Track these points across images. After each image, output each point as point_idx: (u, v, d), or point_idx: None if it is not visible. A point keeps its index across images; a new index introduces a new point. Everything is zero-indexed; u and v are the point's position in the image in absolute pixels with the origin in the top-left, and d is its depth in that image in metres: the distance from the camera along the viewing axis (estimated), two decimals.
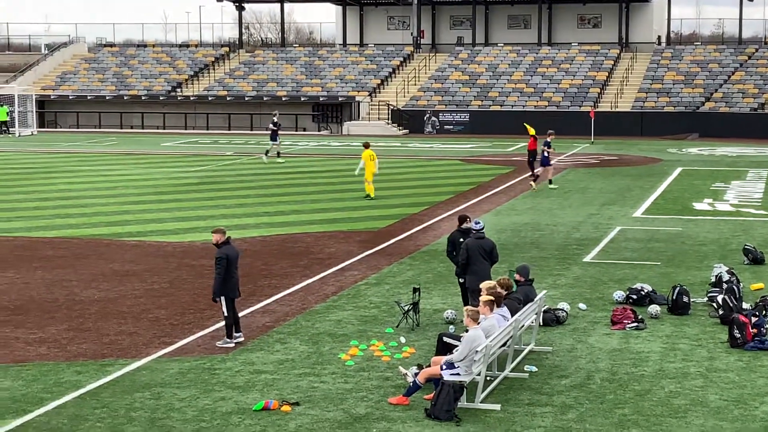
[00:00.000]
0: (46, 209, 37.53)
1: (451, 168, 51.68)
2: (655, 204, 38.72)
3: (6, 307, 22.68)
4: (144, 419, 15.60)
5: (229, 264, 19.51)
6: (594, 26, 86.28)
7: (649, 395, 16.76)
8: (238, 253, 19.91)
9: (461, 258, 20.79)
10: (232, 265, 19.59)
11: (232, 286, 19.64)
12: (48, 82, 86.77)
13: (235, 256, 19.71)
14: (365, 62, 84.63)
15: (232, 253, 19.64)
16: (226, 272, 19.49)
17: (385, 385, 17.21)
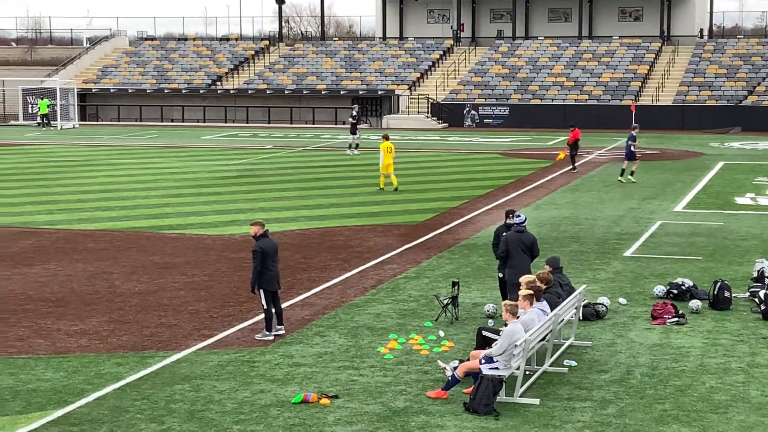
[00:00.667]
0: (87, 202, 37.77)
1: (490, 162, 51.56)
2: (696, 198, 38.46)
3: (48, 299, 22.85)
4: (183, 411, 15.67)
5: (265, 257, 19.53)
6: (635, 19, 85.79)
7: (690, 390, 16.66)
8: (275, 246, 19.89)
9: (500, 251, 20.76)
10: (269, 258, 19.59)
11: (270, 279, 19.67)
12: (89, 75, 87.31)
13: (272, 249, 19.71)
14: (405, 56, 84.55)
15: (268, 246, 19.66)
16: (263, 265, 19.53)
17: (424, 379, 17.20)
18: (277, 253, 19.83)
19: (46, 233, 31.38)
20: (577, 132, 47.11)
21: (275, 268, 19.76)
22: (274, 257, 19.73)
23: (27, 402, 16.07)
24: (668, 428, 15.01)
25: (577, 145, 47.44)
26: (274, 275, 19.73)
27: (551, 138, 65.03)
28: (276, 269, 19.78)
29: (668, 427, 15.04)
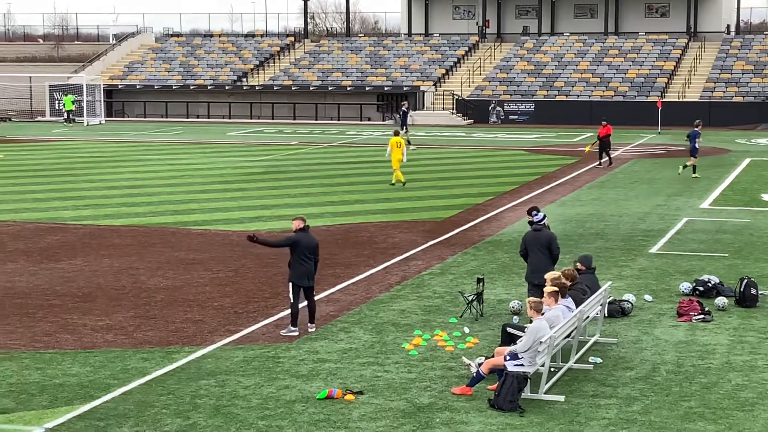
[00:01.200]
0: (113, 198, 37.92)
1: (515, 158, 51.47)
2: (722, 195, 38.30)
3: (74, 294, 22.96)
4: (209, 406, 15.72)
5: (298, 250, 19.59)
6: (662, 15, 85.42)
7: (716, 388, 16.60)
8: (312, 242, 19.85)
9: (520, 251, 20.73)
10: (302, 253, 19.63)
11: (300, 274, 19.68)
12: (116, 71, 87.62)
13: (307, 244, 19.72)
14: (430, 52, 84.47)
15: (304, 240, 19.69)
16: (295, 259, 19.58)
17: (449, 375, 17.20)
18: (313, 251, 19.79)
19: (72, 229, 31.52)
20: (608, 127, 47.14)
21: (309, 264, 19.75)
22: (309, 253, 19.72)
23: (53, 397, 16.16)
24: (694, 426, 14.97)
25: (609, 141, 47.38)
26: (305, 271, 19.72)
27: (577, 134, 64.85)
28: (309, 266, 19.75)
29: (694, 425, 14.99)
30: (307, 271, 19.75)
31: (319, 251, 20.12)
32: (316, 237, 20.35)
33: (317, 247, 19.96)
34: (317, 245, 19.97)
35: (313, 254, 19.81)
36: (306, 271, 19.73)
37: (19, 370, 17.46)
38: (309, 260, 19.73)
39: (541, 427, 14.88)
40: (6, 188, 40.61)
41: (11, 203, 36.55)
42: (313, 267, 19.86)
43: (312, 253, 19.78)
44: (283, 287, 23.56)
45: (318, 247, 19.99)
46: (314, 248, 19.85)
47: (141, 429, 14.78)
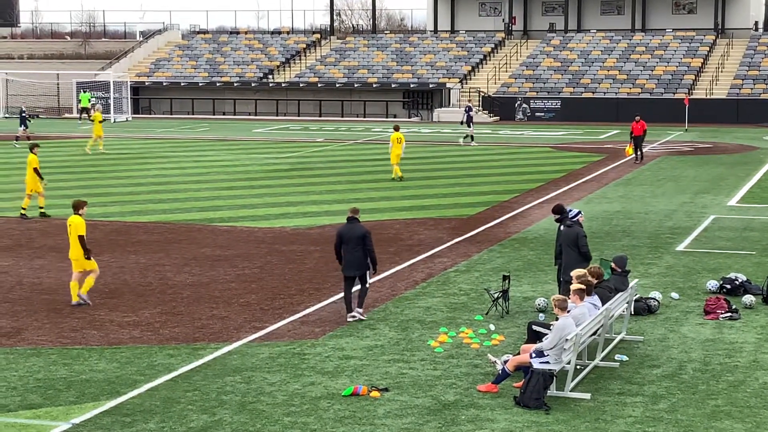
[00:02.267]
0: (140, 194, 38.06)
1: (541, 155, 51.36)
2: (750, 192, 38.10)
3: (101, 291, 23.05)
4: (235, 403, 15.76)
5: (341, 242, 20.41)
6: (689, 12, 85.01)
7: (743, 386, 16.52)
8: (353, 233, 20.42)
9: (556, 248, 20.66)
10: (344, 244, 20.37)
11: (345, 264, 20.44)
12: (142, 68, 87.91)
13: (347, 234, 20.39)
14: (456, 49, 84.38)
15: (345, 232, 20.45)
16: (343, 249, 20.40)
17: (474, 373, 17.19)
18: (355, 241, 20.31)
19: (99, 225, 31.64)
20: (642, 123, 47.63)
21: (348, 254, 20.34)
22: (349, 244, 20.33)
23: (80, 392, 16.23)
24: (721, 424, 14.90)
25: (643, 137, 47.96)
26: (346, 261, 20.38)
27: (603, 132, 64.66)
28: (349, 256, 20.36)
29: (721, 423, 14.93)
30: (347, 261, 20.41)
31: (370, 239, 20.53)
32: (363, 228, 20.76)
33: (362, 238, 20.42)
34: (362, 236, 20.45)
35: (358, 244, 20.34)
36: (349, 261, 20.39)
37: (47, 366, 17.56)
38: (354, 250, 20.34)
39: (566, 425, 14.85)
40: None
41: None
42: (358, 257, 20.36)
43: (356, 243, 20.35)
44: (308, 284, 23.64)
45: (365, 237, 20.44)
46: (357, 239, 20.39)
47: (167, 425, 14.84)
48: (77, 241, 21.69)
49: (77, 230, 21.71)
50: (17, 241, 29.16)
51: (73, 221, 21.87)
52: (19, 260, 26.44)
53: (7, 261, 26.35)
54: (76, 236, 21.71)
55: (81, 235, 21.66)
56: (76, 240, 21.71)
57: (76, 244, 21.72)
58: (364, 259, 20.48)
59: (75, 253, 21.80)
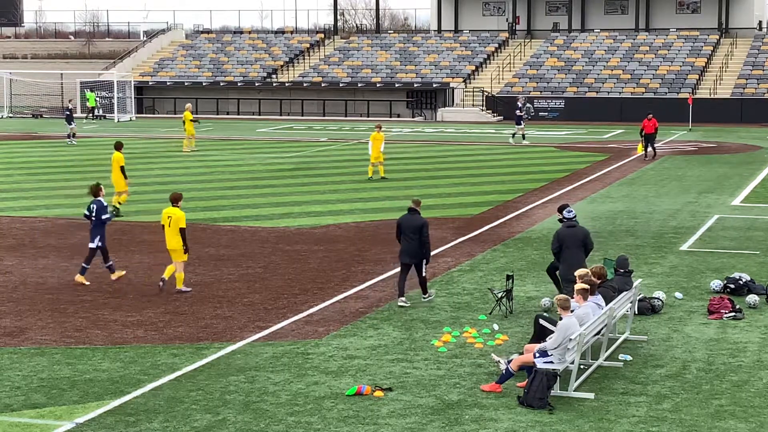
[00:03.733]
0: (144, 194, 38.06)
1: (545, 155, 51.34)
2: (754, 192, 38.08)
3: (105, 290, 23.07)
4: (238, 402, 15.76)
5: (399, 231, 21.58)
6: (693, 11, 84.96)
7: (747, 386, 16.51)
8: (413, 223, 21.41)
9: (553, 247, 20.62)
10: (403, 233, 21.46)
11: (402, 252, 21.59)
12: (146, 68, 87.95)
13: (407, 225, 21.46)
14: (460, 48, 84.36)
15: (404, 222, 21.56)
16: (401, 238, 21.53)
17: (478, 372, 17.18)
18: (414, 231, 21.33)
19: None
20: (654, 121, 48.46)
21: (405, 243, 21.45)
22: (407, 233, 21.41)
23: (84, 392, 16.24)
24: (724, 424, 14.89)
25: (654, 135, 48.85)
26: (405, 249, 21.50)
27: (607, 131, 64.65)
28: (405, 245, 21.45)
29: (724, 423, 14.92)
30: (406, 249, 21.46)
31: (426, 231, 21.46)
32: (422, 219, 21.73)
33: (420, 228, 21.40)
34: (420, 226, 21.42)
35: (415, 234, 21.33)
36: (405, 249, 21.48)
37: (50, 366, 17.57)
38: (410, 240, 21.38)
39: (570, 425, 14.85)
40: (37, 184, 40.86)
41: (42, 199, 36.76)
42: (414, 246, 21.35)
43: (413, 232, 21.36)
44: (312, 283, 23.65)
45: (422, 228, 21.40)
46: (415, 228, 21.40)
47: (171, 424, 14.84)
48: (176, 233, 22.49)
49: (179, 223, 22.51)
50: (21, 240, 29.18)
51: (173, 213, 22.65)
52: (22, 260, 26.46)
53: (10, 260, 26.37)
54: (176, 228, 22.48)
55: (183, 228, 22.51)
56: (175, 231, 22.50)
57: (174, 235, 22.52)
58: (420, 248, 21.41)
59: (173, 243, 22.63)
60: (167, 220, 22.67)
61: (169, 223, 22.60)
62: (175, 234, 22.52)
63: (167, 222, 22.64)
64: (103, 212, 23.92)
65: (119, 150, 33.84)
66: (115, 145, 34.24)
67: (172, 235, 22.59)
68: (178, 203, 22.89)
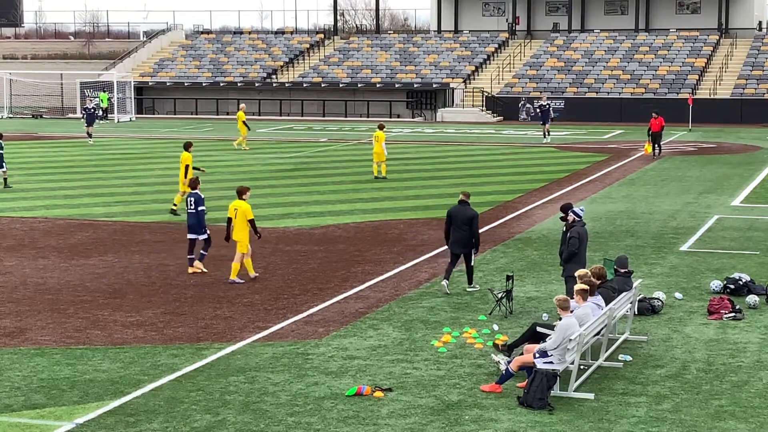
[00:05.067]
0: (144, 194, 38.07)
1: (545, 155, 51.34)
2: (754, 192, 38.08)
3: (105, 291, 23.08)
4: (238, 402, 15.76)
5: (450, 221, 22.54)
6: (693, 12, 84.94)
7: (747, 386, 16.51)
8: (465, 215, 22.40)
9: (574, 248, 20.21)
10: (453, 224, 22.45)
11: (452, 242, 22.60)
12: (146, 68, 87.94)
13: (458, 216, 22.44)
14: (460, 49, 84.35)
15: (455, 213, 22.54)
16: (448, 229, 22.62)
17: (478, 373, 17.19)
18: (463, 222, 22.32)
19: (103, 225, 31.68)
20: (660, 119, 49.33)
21: (456, 234, 22.45)
22: (457, 224, 22.40)
23: (84, 392, 16.25)
24: (724, 424, 14.89)
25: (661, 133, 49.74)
26: (453, 239, 22.53)
27: (607, 131, 64.65)
28: (456, 236, 22.45)
29: (724, 423, 14.92)
30: (458, 239, 22.48)
31: (477, 221, 22.61)
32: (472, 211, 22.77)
33: (471, 219, 22.41)
34: (471, 217, 22.43)
35: (465, 225, 22.31)
36: (456, 240, 22.49)
37: (50, 366, 17.57)
38: (461, 230, 22.38)
39: (570, 425, 14.85)
40: (37, 185, 40.86)
41: (43, 200, 36.77)
42: (464, 236, 22.37)
43: (465, 224, 22.32)
44: (312, 284, 23.67)
45: (473, 219, 22.45)
46: (466, 220, 22.38)
47: (171, 425, 14.84)
48: (243, 224, 23.53)
49: (246, 215, 23.54)
50: (21, 241, 29.18)
51: (239, 206, 23.64)
52: (22, 260, 26.46)
53: (10, 261, 26.37)
54: (242, 220, 23.51)
55: (251, 219, 23.59)
56: (241, 223, 23.51)
57: (241, 227, 23.52)
58: (470, 239, 22.44)
59: (240, 235, 23.60)
60: (233, 212, 23.68)
61: (236, 215, 23.62)
62: (241, 226, 23.57)
63: (233, 214, 23.66)
64: (201, 204, 25.13)
65: (188, 150, 33.95)
66: (184, 145, 34.42)
67: (238, 227, 23.63)
68: (243, 196, 23.84)
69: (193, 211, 25.10)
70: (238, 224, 23.62)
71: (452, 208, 22.87)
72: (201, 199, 25.23)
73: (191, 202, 25.18)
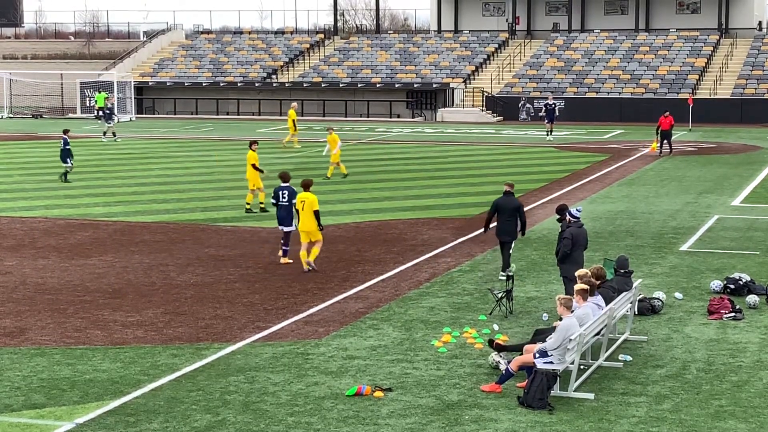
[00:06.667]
0: (143, 194, 38.07)
1: (545, 155, 51.33)
2: (754, 192, 38.08)
3: (105, 291, 23.08)
4: (238, 402, 15.76)
5: (495, 211, 23.74)
6: (693, 12, 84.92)
7: (747, 386, 16.51)
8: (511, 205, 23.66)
9: (567, 249, 20.39)
10: (499, 213, 23.65)
11: (498, 231, 23.78)
12: (146, 68, 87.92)
13: (505, 206, 23.64)
14: (460, 49, 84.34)
15: (501, 203, 23.72)
16: (490, 218, 23.98)
17: (478, 373, 17.19)
18: (510, 212, 23.57)
19: (103, 225, 31.68)
20: (670, 118, 50.57)
21: (502, 223, 23.66)
22: (504, 214, 23.61)
23: (84, 392, 16.25)
24: (724, 424, 14.89)
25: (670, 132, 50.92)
26: (500, 229, 23.74)
27: (607, 131, 64.64)
28: (503, 225, 23.66)
29: (724, 423, 14.92)
30: (505, 228, 23.64)
31: (523, 210, 23.96)
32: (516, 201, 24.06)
33: (517, 209, 23.69)
34: (517, 207, 23.73)
35: (512, 215, 23.53)
36: (504, 229, 23.66)
37: (50, 366, 17.58)
38: (508, 220, 23.57)
39: (570, 425, 14.85)
40: (37, 185, 40.87)
41: (42, 199, 36.77)
42: (511, 225, 23.61)
43: (511, 213, 23.53)
44: (312, 284, 23.67)
45: (519, 208, 23.76)
46: (513, 210, 23.60)
47: (171, 425, 14.85)
48: (311, 215, 24.52)
49: (312, 206, 24.56)
50: (20, 241, 29.18)
51: (306, 198, 24.68)
52: (22, 260, 26.46)
53: (10, 261, 26.38)
54: (310, 211, 24.52)
55: (317, 210, 24.56)
56: (309, 214, 24.52)
57: (310, 217, 24.53)
58: (515, 228, 23.68)
59: (308, 225, 24.63)
60: (301, 204, 24.70)
61: (303, 206, 24.62)
62: (309, 216, 24.54)
63: (301, 206, 24.67)
64: (293, 197, 25.75)
65: (252, 148, 34.35)
66: (249, 143, 34.92)
67: (306, 218, 24.62)
68: (309, 188, 24.94)
69: (286, 204, 25.83)
70: (306, 215, 24.56)
71: (498, 199, 23.96)
72: (294, 192, 25.87)
73: (284, 195, 25.91)
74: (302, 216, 24.71)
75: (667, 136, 50.64)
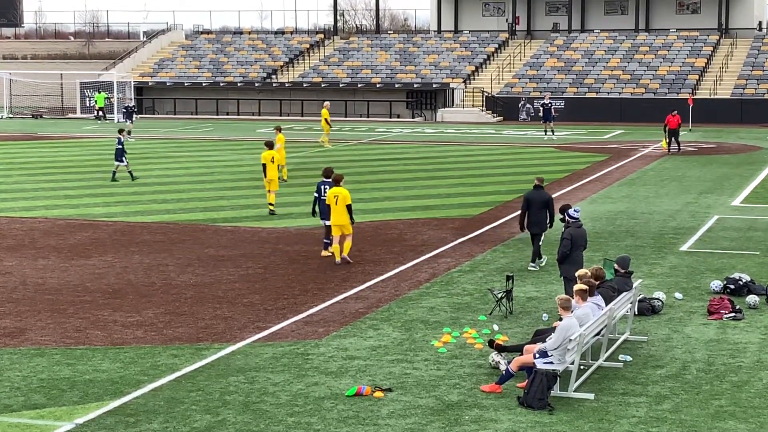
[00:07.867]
0: (143, 194, 38.07)
1: (545, 155, 51.32)
2: (754, 192, 38.07)
3: (105, 291, 23.07)
4: (238, 403, 15.76)
5: (528, 205, 24.79)
6: (693, 12, 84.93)
7: (747, 387, 16.51)
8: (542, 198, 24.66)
9: (566, 249, 20.48)
10: (531, 207, 24.73)
11: (530, 224, 24.91)
12: (146, 69, 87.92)
13: (535, 200, 24.66)
14: (460, 49, 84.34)
15: (532, 197, 24.75)
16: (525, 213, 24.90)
17: (478, 373, 17.18)
18: (540, 205, 24.68)
19: (103, 225, 31.68)
20: (678, 117, 51.31)
21: (534, 216, 24.75)
22: (535, 207, 24.67)
23: (84, 392, 16.24)
24: (724, 424, 14.89)
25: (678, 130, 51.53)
26: (532, 221, 24.83)
27: (607, 131, 64.64)
28: (534, 217, 24.76)
29: (724, 423, 14.92)
30: (536, 220, 24.77)
31: (552, 203, 24.99)
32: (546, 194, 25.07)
33: (547, 202, 24.77)
34: (547, 200, 24.79)
35: (542, 208, 24.67)
36: (535, 221, 24.78)
37: (50, 366, 17.57)
38: (539, 212, 24.69)
39: (570, 425, 14.85)
40: (37, 185, 40.86)
41: (42, 200, 36.77)
42: (541, 217, 24.74)
43: (541, 207, 24.68)
44: (312, 284, 23.67)
45: (549, 201, 24.83)
46: (543, 203, 24.73)
47: (171, 425, 14.84)
48: (343, 209, 25.23)
49: (345, 200, 25.29)
50: (20, 241, 29.18)
51: (338, 192, 25.42)
52: (22, 260, 26.46)
53: (10, 261, 26.37)
54: (343, 205, 25.25)
55: (349, 204, 25.35)
56: (342, 208, 25.23)
57: (342, 211, 25.22)
58: (545, 220, 24.74)
59: (340, 219, 25.32)
60: (333, 199, 25.37)
61: (336, 201, 25.29)
62: (342, 210, 25.21)
63: (333, 201, 25.33)
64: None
65: (270, 148, 34.11)
66: (266, 144, 34.45)
67: (339, 212, 25.27)
68: (340, 183, 25.87)
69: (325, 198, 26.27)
70: (339, 209, 25.16)
71: (529, 193, 24.99)
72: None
73: (326, 190, 26.31)
74: (335, 210, 25.28)
75: (675, 135, 51.36)
